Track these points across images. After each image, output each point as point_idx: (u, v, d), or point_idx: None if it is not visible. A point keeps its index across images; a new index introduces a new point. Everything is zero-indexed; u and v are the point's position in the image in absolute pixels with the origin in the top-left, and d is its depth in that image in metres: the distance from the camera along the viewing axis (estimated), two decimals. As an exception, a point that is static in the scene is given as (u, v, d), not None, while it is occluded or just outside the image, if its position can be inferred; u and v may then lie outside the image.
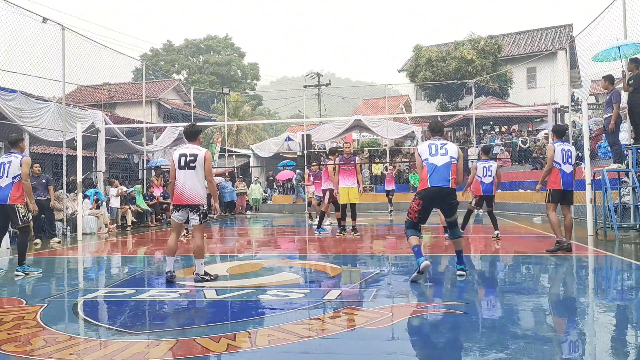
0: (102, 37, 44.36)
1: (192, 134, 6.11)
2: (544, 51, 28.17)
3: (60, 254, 9.47)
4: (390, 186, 19.87)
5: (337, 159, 10.71)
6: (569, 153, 7.40)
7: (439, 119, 28.60)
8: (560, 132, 7.74)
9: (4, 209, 6.67)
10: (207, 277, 5.79)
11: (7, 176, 6.69)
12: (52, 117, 12.80)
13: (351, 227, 10.72)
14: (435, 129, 5.95)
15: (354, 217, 10.74)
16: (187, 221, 12.46)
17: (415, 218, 5.58)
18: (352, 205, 10.68)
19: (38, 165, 11.33)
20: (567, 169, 7.35)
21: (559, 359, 3.20)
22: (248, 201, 22.36)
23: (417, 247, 5.52)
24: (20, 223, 6.74)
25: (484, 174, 9.40)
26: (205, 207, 5.98)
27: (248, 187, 22.65)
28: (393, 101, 32.05)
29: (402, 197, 19.60)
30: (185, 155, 5.85)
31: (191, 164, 5.80)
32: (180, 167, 5.85)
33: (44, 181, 11.25)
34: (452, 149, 5.64)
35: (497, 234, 9.51)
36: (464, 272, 5.72)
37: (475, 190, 9.68)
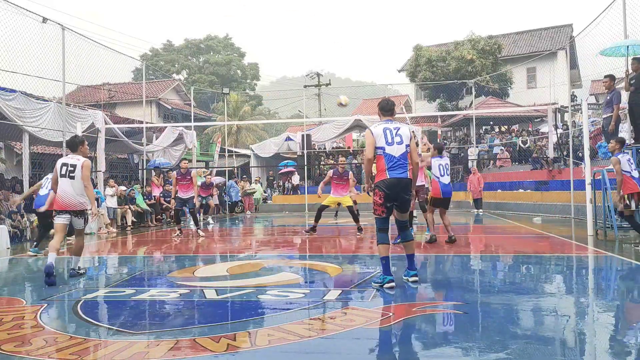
0: (102, 37, 44.35)
1: (73, 145, 6.49)
2: (544, 51, 28.16)
3: (60, 254, 9.46)
4: None
5: (332, 172, 11.00)
6: (446, 167, 8.66)
7: (439, 119, 28.70)
8: (440, 149, 8.90)
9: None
10: (81, 271, 6.46)
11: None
12: (52, 117, 12.79)
13: (357, 228, 10.83)
14: (386, 107, 5.48)
15: (356, 219, 10.86)
16: (179, 221, 12.52)
17: (382, 213, 5.24)
18: (350, 208, 10.84)
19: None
20: (445, 180, 8.57)
21: (559, 359, 3.20)
22: (249, 201, 22.40)
23: (385, 260, 5.22)
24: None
25: (631, 167, 8.29)
26: (88, 212, 6.41)
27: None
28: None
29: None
30: (66, 165, 6.27)
31: (71, 174, 6.20)
32: (61, 176, 6.25)
33: None
34: (406, 134, 5.29)
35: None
36: (417, 278, 5.40)
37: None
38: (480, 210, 18.32)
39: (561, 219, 14.00)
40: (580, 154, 14.11)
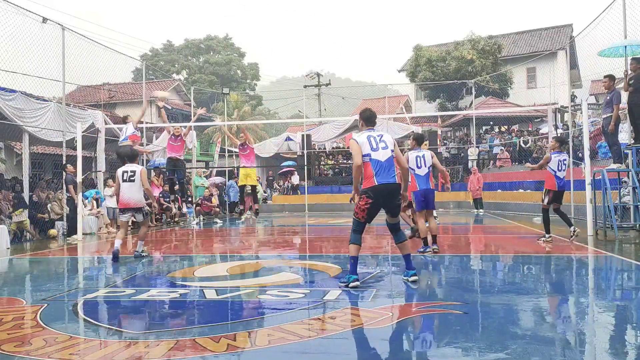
0: (102, 37, 44.34)
1: (131, 157, 8.28)
2: (544, 51, 28.16)
3: (60, 254, 9.47)
4: None
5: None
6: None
7: (439, 119, 28.70)
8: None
9: None
10: (144, 254, 8.03)
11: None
12: (52, 117, 12.78)
13: (254, 210, 11.40)
14: (371, 118, 5.51)
15: (255, 200, 11.46)
16: (174, 215, 12.63)
17: (362, 218, 5.25)
18: (253, 188, 11.56)
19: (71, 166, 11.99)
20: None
21: (559, 359, 3.20)
22: (248, 201, 22.40)
23: (354, 260, 5.25)
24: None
25: (559, 168, 8.63)
26: (146, 208, 8.29)
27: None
28: (393, 101, 32.06)
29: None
30: (127, 172, 7.94)
31: (131, 178, 7.88)
32: (123, 181, 7.91)
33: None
34: (389, 140, 5.36)
35: (574, 229, 8.76)
36: (417, 277, 5.38)
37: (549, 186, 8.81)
38: (481, 210, 18.29)
39: (561, 219, 13.98)
40: (580, 154, 14.10)
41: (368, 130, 5.40)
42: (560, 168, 8.60)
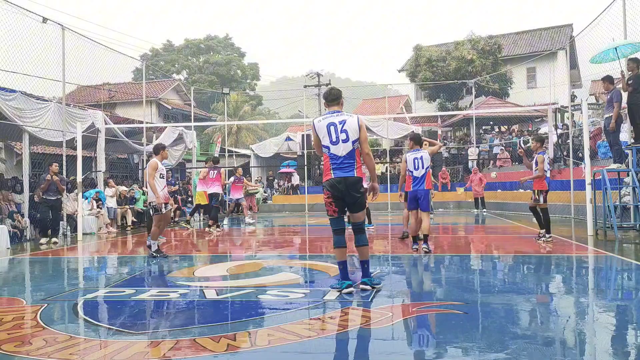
0: (102, 37, 44.40)
1: (153, 150, 8.58)
2: (544, 51, 28.16)
3: (60, 254, 9.47)
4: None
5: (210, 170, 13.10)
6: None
7: (439, 119, 28.69)
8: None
9: None
10: (156, 255, 7.95)
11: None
12: (52, 117, 12.78)
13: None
14: (329, 97, 5.11)
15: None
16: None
17: (334, 212, 5.02)
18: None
19: (57, 164, 11.80)
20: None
21: (558, 359, 3.20)
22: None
23: (342, 265, 5.03)
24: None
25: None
26: (155, 203, 8.09)
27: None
28: (393, 101, 32.05)
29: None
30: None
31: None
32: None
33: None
34: (353, 128, 4.91)
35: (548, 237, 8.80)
36: (367, 287, 5.01)
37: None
38: (484, 210, 18.23)
39: (561, 219, 14.00)
40: (580, 154, 14.11)
41: (331, 115, 5.02)
42: (547, 168, 8.81)
